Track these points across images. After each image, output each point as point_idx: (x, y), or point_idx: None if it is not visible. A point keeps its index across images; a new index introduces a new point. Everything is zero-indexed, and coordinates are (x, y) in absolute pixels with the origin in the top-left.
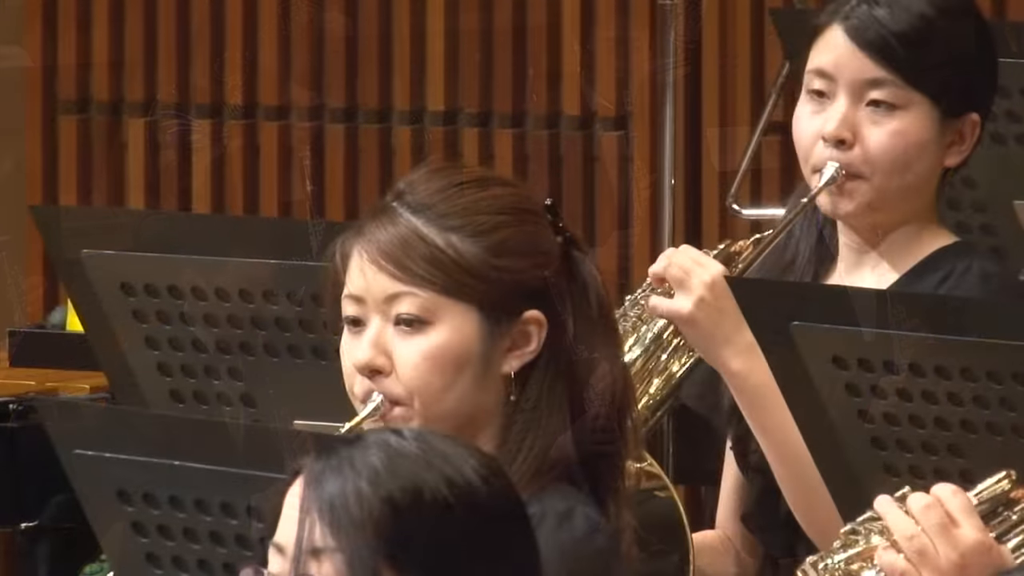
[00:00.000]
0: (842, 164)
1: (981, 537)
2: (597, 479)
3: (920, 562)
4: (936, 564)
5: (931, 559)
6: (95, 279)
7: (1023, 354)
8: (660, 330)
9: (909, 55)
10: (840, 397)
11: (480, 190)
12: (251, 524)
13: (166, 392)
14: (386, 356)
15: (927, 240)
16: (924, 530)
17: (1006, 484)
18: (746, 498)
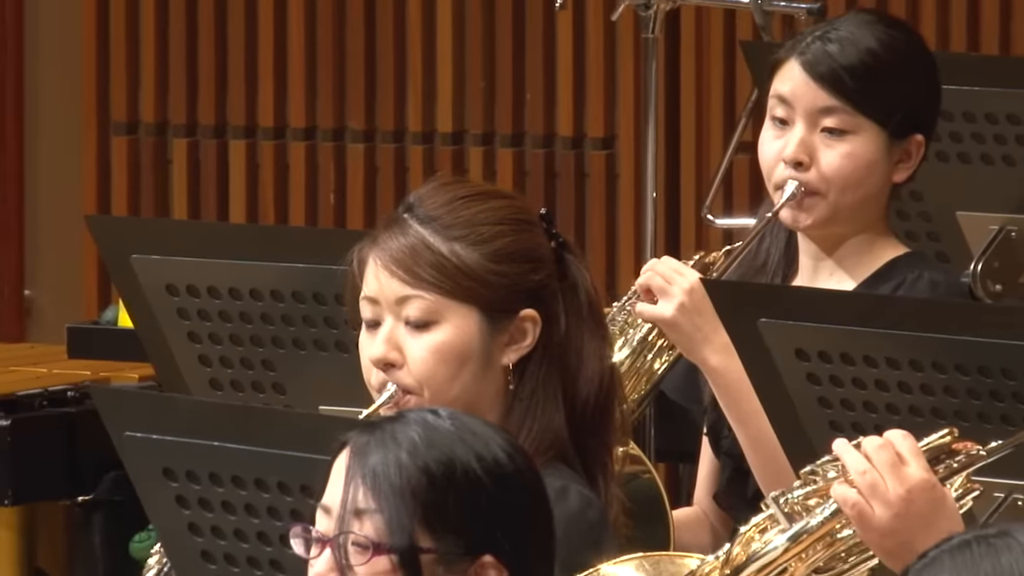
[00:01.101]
0: (801, 183)
1: (926, 476)
2: (588, 459)
3: (871, 495)
4: (885, 497)
5: (881, 492)
6: (143, 281)
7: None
8: (646, 333)
9: (858, 86)
10: (802, 386)
11: (481, 203)
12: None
13: (206, 381)
14: (398, 351)
15: (880, 250)
16: (875, 467)
17: (948, 438)
18: (719, 479)
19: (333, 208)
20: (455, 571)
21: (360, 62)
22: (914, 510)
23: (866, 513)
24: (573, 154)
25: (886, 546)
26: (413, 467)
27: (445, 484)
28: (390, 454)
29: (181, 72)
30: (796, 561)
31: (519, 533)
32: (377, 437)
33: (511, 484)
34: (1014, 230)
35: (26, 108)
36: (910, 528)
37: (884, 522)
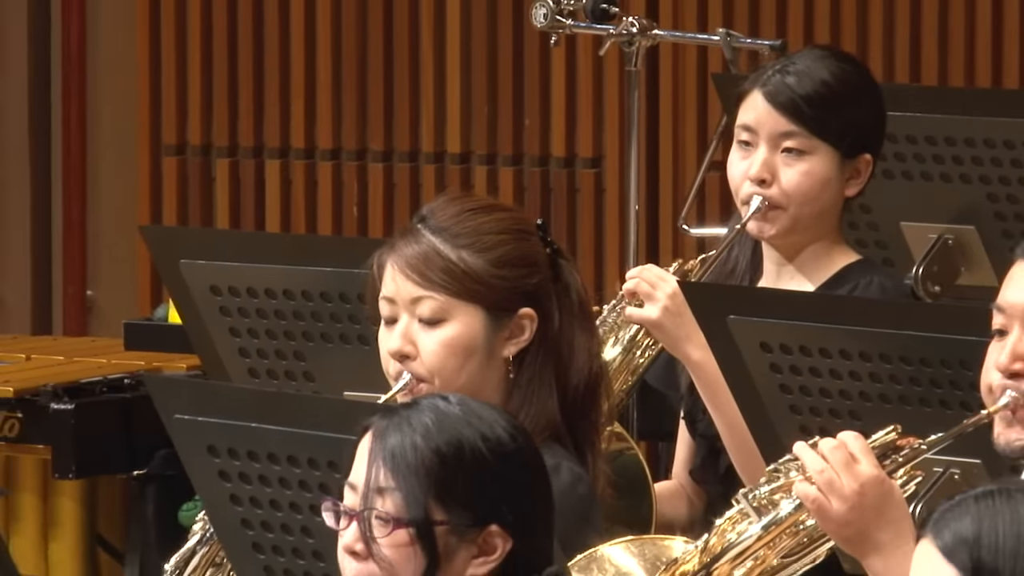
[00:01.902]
0: (765, 198)
1: (876, 472)
2: (579, 439)
3: (828, 491)
4: (841, 492)
5: (837, 488)
6: (190, 283)
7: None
8: (635, 333)
9: (813, 112)
10: (766, 374)
11: (485, 215)
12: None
13: (245, 370)
14: (412, 345)
15: (835, 256)
16: (831, 466)
17: (893, 435)
18: (694, 458)
19: (356, 220)
20: (466, 540)
21: (380, 91)
22: (866, 503)
23: (825, 507)
24: (565, 172)
25: (843, 534)
26: (427, 449)
27: (455, 463)
28: (406, 438)
29: (223, 100)
30: (767, 549)
31: (522, 505)
32: (395, 422)
33: (514, 461)
34: (951, 238)
35: (88, 132)
36: (863, 518)
37: (841, 514)
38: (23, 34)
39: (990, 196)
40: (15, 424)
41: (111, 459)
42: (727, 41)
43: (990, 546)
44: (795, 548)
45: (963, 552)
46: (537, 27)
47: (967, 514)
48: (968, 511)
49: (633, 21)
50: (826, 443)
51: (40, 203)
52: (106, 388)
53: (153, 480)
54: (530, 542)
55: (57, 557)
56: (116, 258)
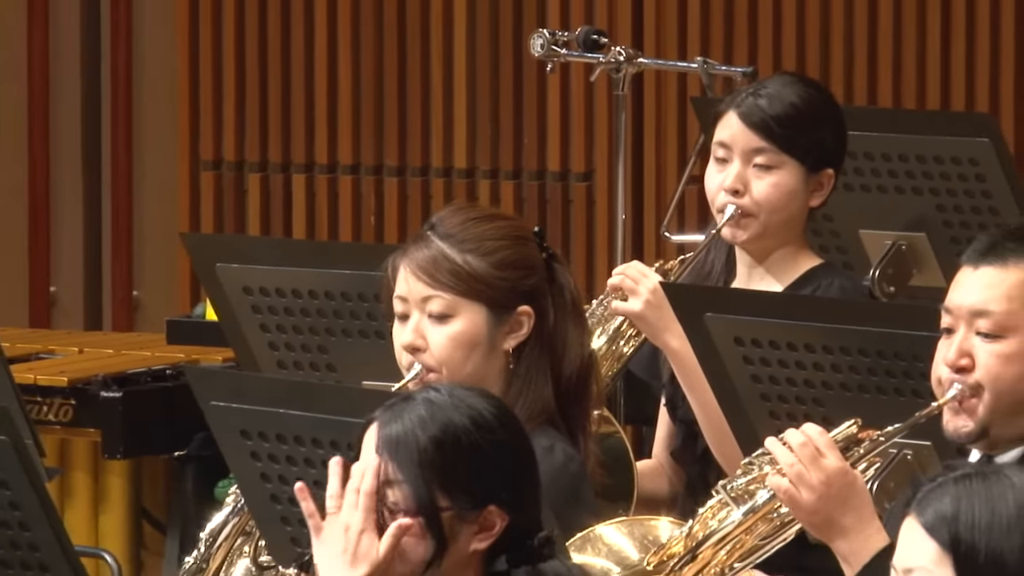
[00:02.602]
0: (738, 207)
1: (841, 465)
2: (571, 423)
3: (798, 482)
4: (809, 484)
5: (806, 480)
6: (225, 284)
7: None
8: (619, 324)
9: (782, 131)
10: (739, 366)
11: (488, 223)
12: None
13: (274, 362)
14: (423, 339)
15: (801, 260)
16: (800, 460)
17: (854, 428)
18: (674, 440)
19: (373, 228)
20: (468, 521)
21: (394, 113)
22: (832, 492)
23: (796, 497)
24: (560, 185)
25: (812, 521)
26: (424, 439)
27: (453, 453)
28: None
29: (255, 121)
30: (745, 534)
31: (514, 483)
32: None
33: (504, 444)
34: (904, 244)
35: (134, 149)
36: (830, 507)
37: (810, 503)
38: (76, 61)
39: (939, 207)
40: (69, 410)
41: (155, 441)
42: (704, 68)
43: (967, 522)
44: (769, 532)
45: (943, 528)
46: (535, 56)
47: (947, 494)
48: (948, 492)
49: (620, 51)
50: (795, 438)
51: (91, 213)
52: (150, 378)
53: (192, 460)
54: (523, 514)
55: (106, 529)
56: (159, 262)
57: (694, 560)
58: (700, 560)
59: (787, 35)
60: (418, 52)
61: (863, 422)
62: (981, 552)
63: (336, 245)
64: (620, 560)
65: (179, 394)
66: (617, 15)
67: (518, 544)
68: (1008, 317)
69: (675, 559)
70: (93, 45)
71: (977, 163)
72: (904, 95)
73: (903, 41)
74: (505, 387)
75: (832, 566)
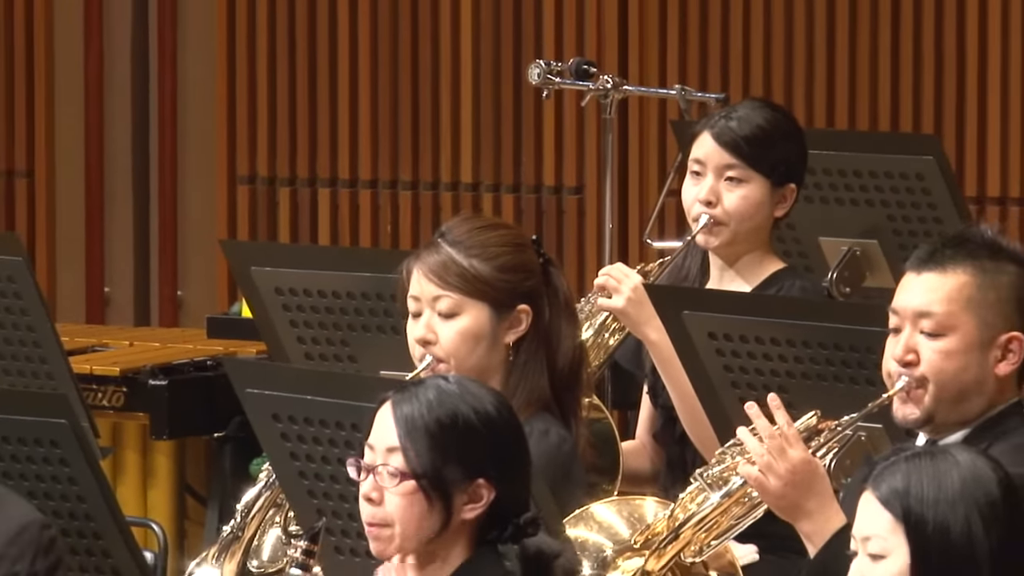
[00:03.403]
0: (711, 216)
1: (805, 455)
2: (564, 409)
3: (766, 471)
4: (777, 472)
5: (774, 469)
6: (259, 285)
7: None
8: (604, 319)
9: (750, 150)
10: (712, 357)
11: (492, 231)
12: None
13: (302, 354)
14: (433, 333)
15: (767, 264)
16: (769, 451)
17: (815, 420)
18: (655, 423)
19: (389, 236)
20: (458, 490)
21: (408, 134)
22: (797, 479)
23: (765, 484)
24: (554, 198)
25: (779, 505)
26: (430, 418)
27: (451, 430)
28: (415, 409)
29: (285, 142)
30: (720, 515)
31: (503, 463)
32: (407, 397)
33: (498, 430)
34: (858, 250)
35: (179, 166)
36: (795, 492)
37: (777, 489)
38: (127, 87)
39: (889, 217)
40: (120, 396)
41: (197, 424)
42: (682, 95)
43: (917, 496)
44: (741, 513)
45: (896, 501)
46: (532, 84)
47: (899, 471)
48: (900, 469)
49: (608, 79)
50: (764, 429)
51: (140, 223)
52: (192, 368)
53: (229, 440)
54: (510, 493)
55: (153, 502)
56: (200, 265)
57: (677, 539)
58: (682, 539)
59: (755, 64)
60: (429, 80)
61: (821, 408)
62: (929, 522)
63: (357, 251)
64: (611, 536)
65: (218, 382)
66: (605, 47)
67: (506, 522)
68: (948, 318)
69: (660, 538)
70: (142, 73)
71: (923, 178)
72: (858, 118)
73: (857, 70)
74: (505, 377)
75: (790, 532)
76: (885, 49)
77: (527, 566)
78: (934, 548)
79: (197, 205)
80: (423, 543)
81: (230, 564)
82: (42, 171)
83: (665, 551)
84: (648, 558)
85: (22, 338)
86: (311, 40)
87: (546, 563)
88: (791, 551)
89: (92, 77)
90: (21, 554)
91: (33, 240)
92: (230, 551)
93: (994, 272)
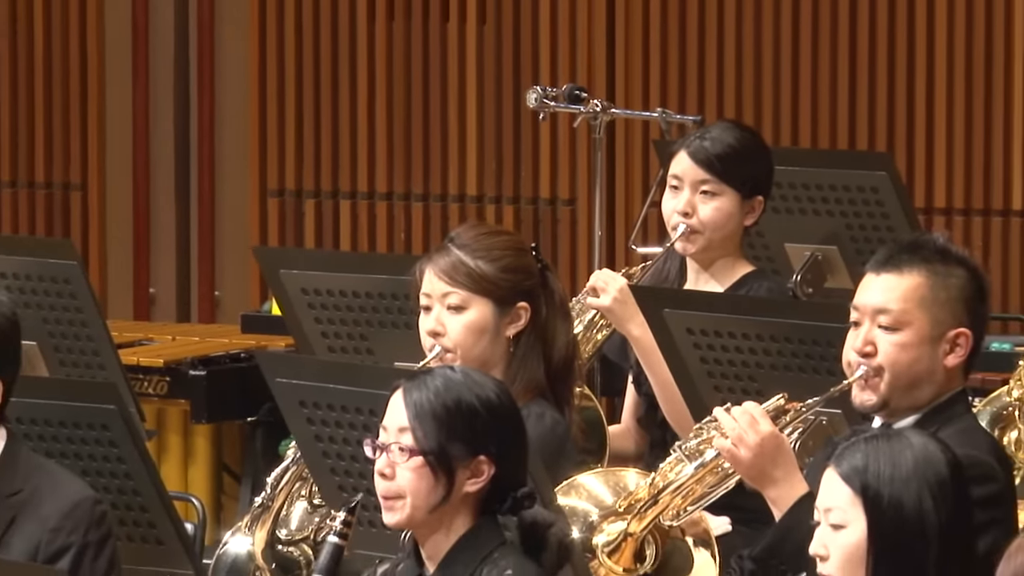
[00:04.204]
0: (688, 226)
1: (772, 430)
2: (558, 396)
3: (738, 444)
4: (747, 445)
5: (745, 442)
6: (287, 286)
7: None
8: (593, 316)
9: (722, 166)
10: (690, 350)
11: (495, 236)
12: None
13: (325, 347)
14: (442, 326)
15: (738, 267)
16: (740, 426)
17: (782, 401)
18: (639, 409)
19: (403, 242)
20: (461, 466)
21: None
22: (765, 451)
23: (736, 455)
24: (550, 209)
25: (749, 474)
26: (437, 403)
27: (456, 413)
28: (423, 395)
29: (311, 159)
30: (696, 483)
31: (503, 443)
32: (416, 384)
33: (499, 414)
34: (819, 255)
35: (216, 180)
36: (763, 463)
37: (747, 460)
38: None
39: (847, 226)
40: (164, 385)
41: (232, 409)
42: (663, 117)
43: (874, 473)
44: (715, 482)
45: (855, 477)
46: (530, 107)
47: (859, 451)
48: (860, 449)
49: (597, 103)
50: (736, 410)
51: (182, 230)
52: (228, 360)
53: (261, 424)
54: (508, 470)
55: (193, 478)
56: (236, 269)
57: (656, 504)
58: (661, 504)
59: (728, 89)
60: (438, 104)
61: (788, 395)
62: (885, 497)
63: (373, 256)
64: (597, 503)
65: (251, 373)
66: (595, 74)
67: (505, 496)
68: (903, 314)
69: (641, 503)
70: (183, 98)
71: (877, 191)
72: (820, 136)
73: (819, 94)
74: (506, 366)
75: (760, 506)
76: (843, 76)
77: (524, 534)
78: (888, 520)
79: (232, 215)
80: (430, 513)
81: (261, 532)
82: (94, 185)
83: (645, 514)
84: (630, 521)
85: (76, 333)
86: (334, 68)
87: (541, 532)
88: (760, 523)
89: (139, 102)
90: (75, 526)
91: (87, 246)
92: (260, 521)
93: (944, 274)
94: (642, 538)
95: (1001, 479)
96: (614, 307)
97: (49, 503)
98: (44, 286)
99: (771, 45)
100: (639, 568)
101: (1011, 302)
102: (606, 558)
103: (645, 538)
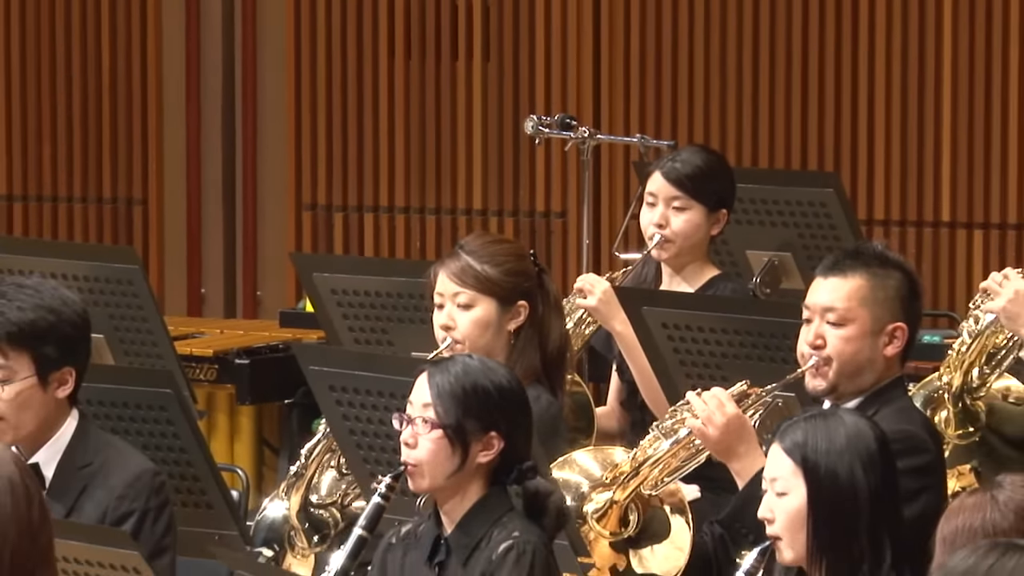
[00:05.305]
0: (662, 236)
1: (737, 412)
2: (553, 382)
3: (707, 423)
4: (715, 424)
5: (712, 422)
6: (320, 288)
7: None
8: (582, 314)
9: (692, 185)
10: (665, 343)
11: (499, 244)
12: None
13: (352, 340)
14: (453, 322)
15: (705, 271)
16: (709, 408)
17: (745, 386)
18: (622, 394)
19: (418, 250)
20: (475, 440)
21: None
22: (731, 430)
23: (706, 433)
24: (545, 220)
25: (716, 449)
26: (456, 385)
27: (472, 394)
28: (445, 377)
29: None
30: (671, 458)
31: (511, 421)
32: (440, 368)
33: (508, 396)
34: (776, 260)
35: (258, 195)
36: (728, 440)
37: (715, 438)
38: (218, 133)
39: (800, 235)
40: (213, 372)
41: (272, 393)
42: (642, 142)
43: (812, 447)
44: (688, 456)
45: (797, 452)
46: (527, 133)
47: (799, 428)
48: (800, 426)
49: (585, 130)
50: (706, 394)
51: (228, 239)
52: (269, 351)
53: (297, 405)
54: (515, 445)
55: (238, 452)
56: (275, 272)
57: (637, 475)
58: (641, 475)
59: (697, 118)
60: (449, 130)
61: (750, 381)
62: (822, 467)
63: (393, 261)
64: (588, 476)
65: (288, 361)
66: (583, 106)
67: (512, 468)
68: (848, 312)
69: (624, 475)
70: (229, 123)
71: (825, 206)
72: (776, 158)
73: (775, 122)
74: (507, 356)
75: (725, 476)
76: (796, 105)
77: (528, 501)
78: (825, 488)
79: (272, 226)
80: (447, 479)
81: (295, 497)
82: (153, 199)
83: (628, 485)
84: (615, 490)
85: (138, 328)
86: (359, 99)
87: (542, 499)
88: (726, 491)
89: (192, 129)
90: (138, 495)
91: (147, 252)
92: (295, 487)
93: (883, 277)
94: (626, 506)
95: (933, 451)
96: (599, 306)
97: (115, 474)
98: (111, 287)
99: (735, 80)
100: (624, 532)
101: (940, 300)
102: (595, 523)
103: (628, 506)
